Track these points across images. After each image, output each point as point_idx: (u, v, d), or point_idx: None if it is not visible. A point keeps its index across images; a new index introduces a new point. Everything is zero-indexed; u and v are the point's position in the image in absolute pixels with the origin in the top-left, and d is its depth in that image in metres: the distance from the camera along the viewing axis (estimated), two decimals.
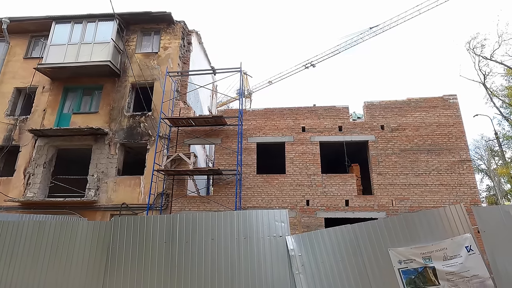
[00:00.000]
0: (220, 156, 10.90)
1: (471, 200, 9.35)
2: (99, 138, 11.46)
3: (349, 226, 5.10)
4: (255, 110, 11.48)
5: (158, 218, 5.36)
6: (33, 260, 5.23)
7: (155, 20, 12.83)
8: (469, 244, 4.65)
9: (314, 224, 9.58)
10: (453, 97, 10.59)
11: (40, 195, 10.90)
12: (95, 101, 12.36)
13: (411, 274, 4.64)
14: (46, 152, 11.48)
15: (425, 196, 9.60)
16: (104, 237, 5.23)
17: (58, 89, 12.35)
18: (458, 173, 9.69)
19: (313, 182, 10.17)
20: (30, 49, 13.45)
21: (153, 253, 5.04)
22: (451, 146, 9.99)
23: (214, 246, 5.03)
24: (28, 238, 5.38)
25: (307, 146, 10.62)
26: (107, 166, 11.08)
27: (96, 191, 10.73)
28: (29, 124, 11.82)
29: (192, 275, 4.87)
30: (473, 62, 25.48)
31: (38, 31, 13.26)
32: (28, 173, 11.22)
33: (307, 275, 4.85)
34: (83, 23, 12.23)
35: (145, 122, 11.51)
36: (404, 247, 4.76)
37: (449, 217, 4.84)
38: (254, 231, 5.15)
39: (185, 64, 12.87)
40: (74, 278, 5.05)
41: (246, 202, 10.17)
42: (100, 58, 11.63)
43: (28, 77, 12.36)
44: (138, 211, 10.34)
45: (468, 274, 4.52)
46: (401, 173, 9.92)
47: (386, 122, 10.55)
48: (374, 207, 9.69)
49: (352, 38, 34.36)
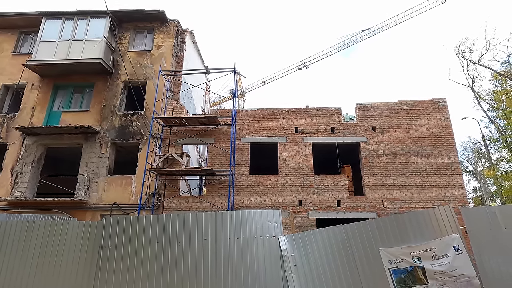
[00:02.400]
0: (213, 156, 10.87)
1: (459, 201, 9.57)
2: (90, 137, 11.29)
3: (341, 227, 5.17)
4: (248, 110, 11.49)
5: (150, 218, 5.32)
6: (21, 261, 5.12)
7: (148, 18, 12.71)
8: (457, 244, 4.77)
9: (306, 224, 9.65)
10: (442, 100, 10.83)
11: (28, 195, 10.67)
12: (86, 99, 12.16)
13: (401, 273, 4.73)
14: (34, 151, 11.24)
15: (414, 197, 9.78)
16: (95, 237, 5.16)
17: (47, 86, 12.11)
18: (447, 175, 9.90)
19: (306, 183, 10.24)
20: (19, 45, 13.15)
21: (145, 254, 5.00)
22: (440, 148, 10.21)
23: (207, 246, 5.03)
24: (16, 238, 5.26)
25: (300, 147, 10.69)
26: (98, 165, 10.92)
27: (86, 191, 10.56)
28: (17, 122, 11.55)
29: (185, 275, 4.85)
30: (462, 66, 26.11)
31: (27, 27, 12.98)
32: (16, 172, 10.96)
33: (299, 275, 4.89)
34: (74, 19, 12.02)
35: (137, 121, 11.39)
36: (394, 247, 4.86)
37: (438, 217, 4.96)
38: (247, 231, 5.16)
39: (179, 63, 12.79)
40: (64, 279, 4.96)
41: (238, 202, 10.17)
42: (92, 55, 11.45)
43: (16, 73, 12.08)
44: (129, 211, 10.22)
45: (455, 273, 4.64)
46: (391, 174, 10.08)
47: (378, 124, 10.70)
48: (365, 207, 9.82)
49: (345, 40, 34.76)
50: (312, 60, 36.12)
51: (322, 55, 35.81)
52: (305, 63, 36.55)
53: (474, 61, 22.33)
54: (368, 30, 33.78)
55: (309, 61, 36.20)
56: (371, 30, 33.66)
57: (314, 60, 36.09)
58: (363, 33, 34.09)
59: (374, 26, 33.46)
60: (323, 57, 36.00)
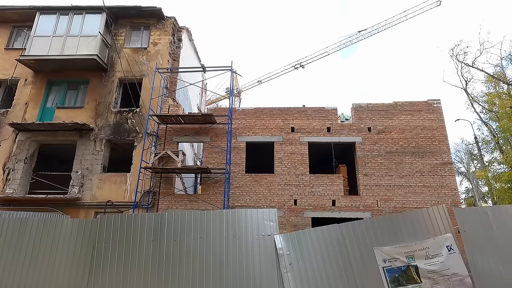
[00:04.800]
0: (209, 154, 10.84)
1: (452, 201, 9.70)
2: (84, 134, 11.16)
3: (337, 226, 5.21)
4: (245, 109, 11.48)
5: (146, 216, 5.30)
6: (13, 259, 5.05)
7: (145, 15, 12.60)
8: (450, 244, 4.85)
9: (301, 224, 9.69)
10: (437, 101, 10.95)
11: (20, 192, 10.51)
12: (81, 95, 12.01)
13: (395, 272, 4.80)
14: (27, 147, 11.07)
15: (408, 197, 9.88)
16: (89, 235, 5.13)
17: (41, 82, 11.92)
18: (440, 175, 10.03)
19: (301, 182, 10.28)
20: (12, 39, 12.92)
21: (140, 251, 4.99)
22: (434, 149, 10.33)
23: (203, 245, 5.03)
24: (9, 236, 5.19)
25: (296, 146, 10.72)
26: (92, 163, 10.81)
27: (80, 188, 10.45)
28: (9, 118, 11.36)
29: (180, 273, 4.85)
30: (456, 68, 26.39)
31: (21, 21, 12.76)
32: (8, 169, 10.79)
33: (294, 274, 4.92)
34: (70, 15, 11.86)
35: (133, 119, 11.29)
36: (388, 247, 4.92)
37: (431, 217, 5.03)
38: (243, 230, 5.18)
39: (175, 61, 12.70)
40: (58, 277, 4.92)
41: (234, 201, 10.17)
42: (87, 51, 11.32)
43: (9, 68, 11.87)
44: (123, 209, 10.14)
45: (448, 273, 4.72)
46: (386, 175, 10.17)
47: (373, 124, 10.78)
48: (360, 207, 9.90)
49: (341, 41, 34.93)
50: (308, 60, 36.20)
51: (318, 55, 35.93)
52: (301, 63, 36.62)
53: (468, 63, 22.64)
54: (364, 31, 34.00)
55: (305, 61, 36.28)
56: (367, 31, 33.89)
57: (310, 60, 36.18)
58: (359, 34, 34.29)
59: (370, 27, 33.70)
60: (320, 57, 36.12)
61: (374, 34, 33.90)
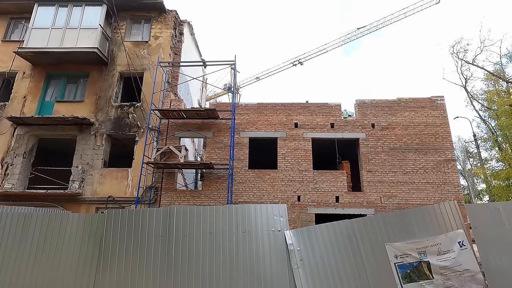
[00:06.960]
0: (211, 150, 10.72)
1: (455, 198, 9.71)
2: (84, 128, 10.97)
3: (347, 221, 5.16)
4: (248, 104, 11.37)
5: (154, 211, 5.21)
6: (17, 255, 4.91)
7: (146, 7, 12.37)
8: (461, 240, 4.83)
9: (305, 220, 9.65)
10: (440, 98, 10.93)
11: (19, 187, 10.33)
12: (81, 89, 11.79)
13: (407, 268, 4.76)
14: (26, 142, 10.86)
15: (412, 194, 9.89)
16: (96, 231, 5.01)
17: (40, 75, 11.67)
18: (443, 172, 10.03)
19: (305, 178, 10.22)
20: (9, 31, 12.62)
21: (148, 247, 4.89)
22: (438, 146, 10.33)
23: (212, 240, 4.95)
24: (12, 231, 5.05)
25: (299, 142, 10.65)
26: (93, 158, 10.65)
27: (80, 183, 10.29)
28: (7, 111, 11.12)
29: (190, 269, 4.77)
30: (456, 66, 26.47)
31: (18, 13, 12.45)
32: (6, 163, 10.58)
33: (305, 269, 4.86)
34: (69, 6, 11.58)
35: (134, 113, 11.12)
36: (400, 242, 4.88)
37: (443, 213, 5.00)
38: (252, 225, 5.10)
39: (177, 55, 12.52)
40: (64, 274, 4.80)
41: (237, 197, 10.09)
42: (87, 44, 11.08)
43: (7, 61, 11.59)
44: (125, 204, 10.02)
45: (460, 269, 4.70)
46: (390, 171, 10.16)
47: (377, 121, 10.74)
48: (363, 203, 9.88)
49: (340, 38, 34.86)
50: (307, 57, 36.11)
51: (317, 52, 35.84)
52: (300, 59, 36.50)
53: (468, 61, 22.69)
54: (363, 28, 33.95)
55: (304, 57, 36.17)
56: (366, 28, 33.83)
57: (308, 57, 36.09)
58: (357, 31, 34.24)
59: (369, 25, 33.65)
60: (318, 54, 36.05)
61: (373, 31, 33.92)
